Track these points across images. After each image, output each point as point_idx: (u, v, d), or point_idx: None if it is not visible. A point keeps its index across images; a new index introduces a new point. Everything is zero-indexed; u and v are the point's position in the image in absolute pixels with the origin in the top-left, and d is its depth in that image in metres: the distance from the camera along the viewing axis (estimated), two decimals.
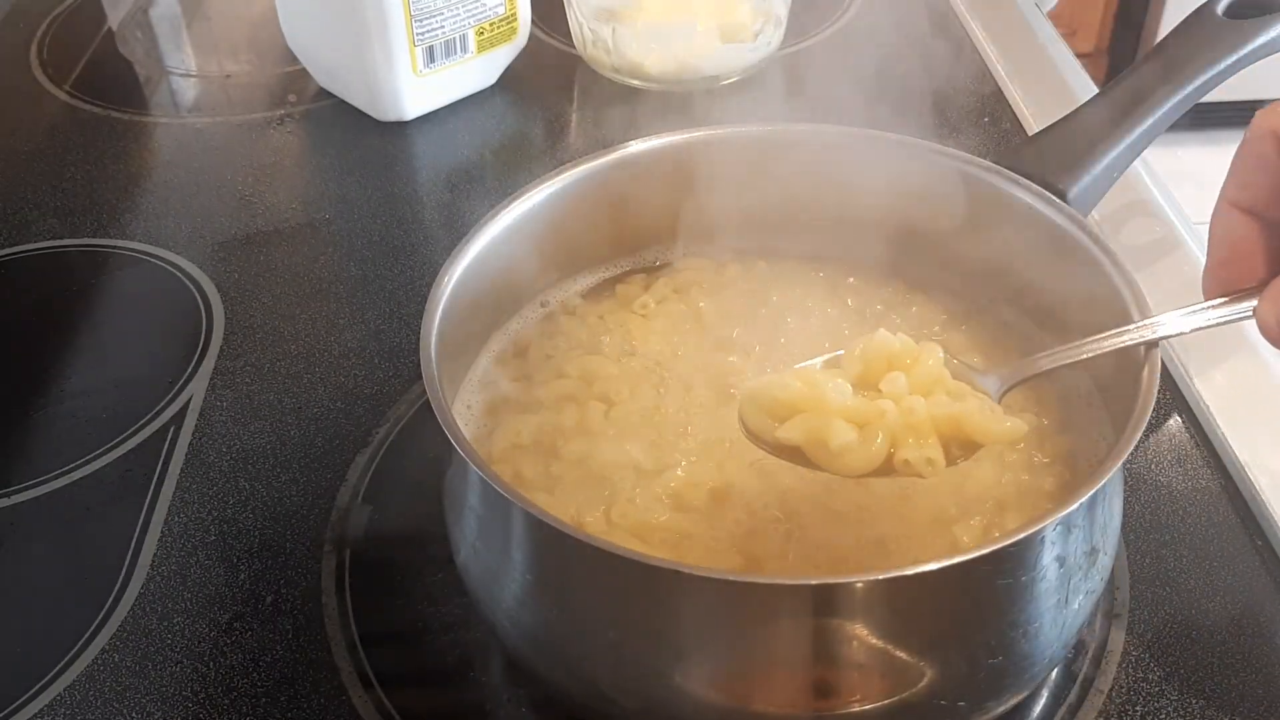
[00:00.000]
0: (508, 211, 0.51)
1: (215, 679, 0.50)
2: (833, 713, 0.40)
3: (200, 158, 0.85)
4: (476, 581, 0.45)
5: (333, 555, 0.55)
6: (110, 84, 0.93)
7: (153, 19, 1.03)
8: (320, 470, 0.59)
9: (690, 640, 0.40)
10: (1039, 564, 0.40)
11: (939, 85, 0.85)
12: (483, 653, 0.51)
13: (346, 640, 0.51)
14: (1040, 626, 0.41)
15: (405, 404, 0.63)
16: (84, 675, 0.50)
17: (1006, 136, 0.81)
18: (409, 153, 0.84)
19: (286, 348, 0.67)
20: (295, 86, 0.91)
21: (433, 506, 0.48)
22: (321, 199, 0.80)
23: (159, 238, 0.76)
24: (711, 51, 0.85)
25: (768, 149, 0.56)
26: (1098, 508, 0.42)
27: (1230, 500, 0.56)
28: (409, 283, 0.72)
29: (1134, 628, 0.51)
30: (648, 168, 0.55)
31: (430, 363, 0.44)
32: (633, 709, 0.42)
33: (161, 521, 0.57)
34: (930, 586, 0.38)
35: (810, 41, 0.95)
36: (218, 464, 0.60)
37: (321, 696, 0.49)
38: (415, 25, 0.80)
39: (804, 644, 0.40)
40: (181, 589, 0.54)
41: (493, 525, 0.43)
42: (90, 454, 0.61)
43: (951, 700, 0.41)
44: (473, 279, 0.49)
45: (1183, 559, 0.53)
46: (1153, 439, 0.60)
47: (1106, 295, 0.46)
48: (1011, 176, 0.51)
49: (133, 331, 0.70)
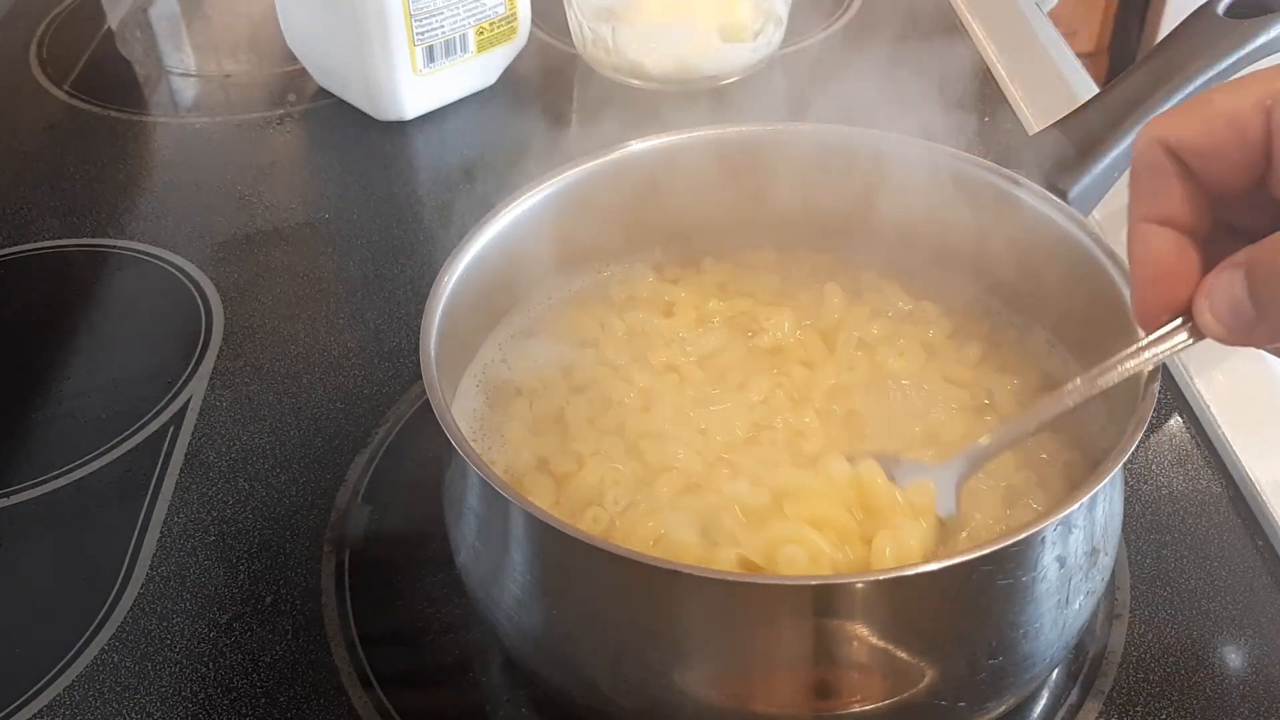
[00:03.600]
0: (508, 211, 0.51)
1: (215, 679, 0.50)
2: (833, 713, 0.40)
3: (200, 158, 0.85)
4: (476, 582, 0.45)
5: (332, 556, 0.55)
6: (110, 84, 0.93)
7: (152, 19, 1.03)
8: (320, 470, 0.59)
9: (690, 641, 0.40)
10: (1039, 564, 0.40)
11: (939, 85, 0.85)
12: (482, 653, 0.51)
13: (346, 640, 0.51)
14: (1041, 627, 0.41)
15: (405, 404, 0.63)
16: (83, 676, 0.50)
17: (1006, 136, 0.81)
18: (409, 152, 0.84)
19: (286, 348, 0.67)
20: (295, 86, 0.91)
21: (432, 507, 0.48)
22: (321, 199, 0.80)
23: (158, 238, 0.76)
24: (712, 51, 0.85)
25: (768, 148, 0.55)
26: (1098, 508, 0.42)
27: (1231, 501, 0.56)
28: (409, 283, 0.71)
29: (1135, 628, 0.51)
30: (648, 168, 0.55)
31: (430, 363, 0.43)
32: (632, 709, 0.42)
33: (161, 522, 0.57)
34: (930, 587, 0.38)
35: (810, 41, 0.95)
36: (217, 464, 0.60)
37: (321, 697, 0.49)
38: (415, 25, 0.80)
39: (804, 644, 0.39)
40: (181, 589, 0.54)
41: (492, 526, 0.43)
42: (89, 454, 0.61)
43: (952, 701, 0.41)
44: (472, 279, 0.49)
45: (1184, 559, 0.53)
46: (1153, 439, 0.60)
47: (1107, 295, 0.46)
48: (1012, 176, 0.51)
49: (132, 331, 0.70)
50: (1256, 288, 0.37)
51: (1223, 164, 0.38)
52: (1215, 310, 0.38)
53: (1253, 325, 0.37)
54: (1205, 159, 0.38)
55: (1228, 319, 0.38)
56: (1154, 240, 0.40)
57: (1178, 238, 0.40)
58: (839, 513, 0.44)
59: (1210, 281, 0.39)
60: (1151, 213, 0.40)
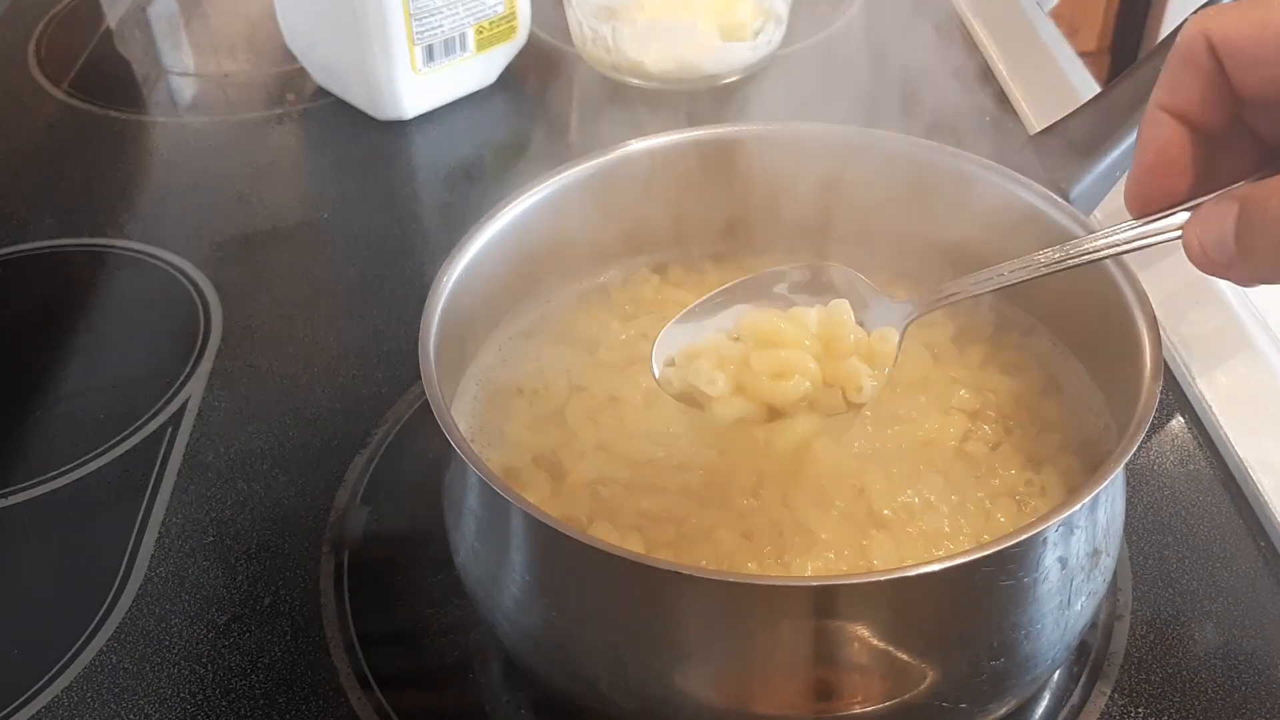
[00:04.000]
0: (507, 211, 0.51)
1: (213, 680, 0.50)
2: (833, 714, 0.40)
3: (198, 157, 0.85)
4: (475, 583, 0.45)
5: (331, 556, 0.55)
6: (108, 83, 0.93)
7: (151, 18, 1.03)
8: (319, 471, 0.59)
9: (690, 641, 0.40)
10: (1041, 565, 0.39)
11: (940, 84, 0.85)
12: (482, 654, 0.50)
13: (345, 641, 0.51)
14: (1042, 628, 0.41)
15: (404, 405, 0.62)
16: (81, 676, 0.50)
17: (1008, 136, 0.81)
18: (408, 152, 0.83)
19: (285, 348, 0.67)
20: (294, 85, 0.91)
21: (432, 508, 0.48)
22: (320, 198, 0.80)
23: (157, 237, 0.76)
24: (712, 50, 0.85)
25: (768, 148, 0.55)
26: (1100, 508, 0.42)
27: (1233, 501, 0.56)
28: (408, 283, 0.71)
29: (1136, 629, 0.51)
30: (648, 168, 0.55)
31: (429, 363, 0.43)
32: (632, 710, 0.42)
33: (159, 522, 0.57)
34: (932, 587, 0.38)
35: (811, 41, 0.94)
36: (216, 465, 0.60)
37: (320, 698, 0.49)
38: (414, 24, 0.80)
39: (804, 645, 0.39)
40: (179, 590, 0.54)
41: (492, 526, 0.43)
42: (88, 454, 0.60)
43: (953, 702, 0.41)
44: (472, 279, 0.49)
45: (1185, 560, 0.53)
46: (1155, 439, 0.59)
47: (1109, 294, 0.46)
48: (1013, 175, 0.51)
49: (130, 332, 0.69)
50: (1244, 227, 0.37)
51: (1262, 72, 0.38)
52: (1201, 237, 0.38)
53: (1231, 261, 0.37)
54: (1246, 63, 0.38)
55: (1211, 249, 0.38)
56: (1165, 129, 0.40)
57: (1188, 133, 0.40)
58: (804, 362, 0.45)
59: (1207, 208, 0.39)
60: (1171, 102, 0.40)
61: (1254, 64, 0.38)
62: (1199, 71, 0.39)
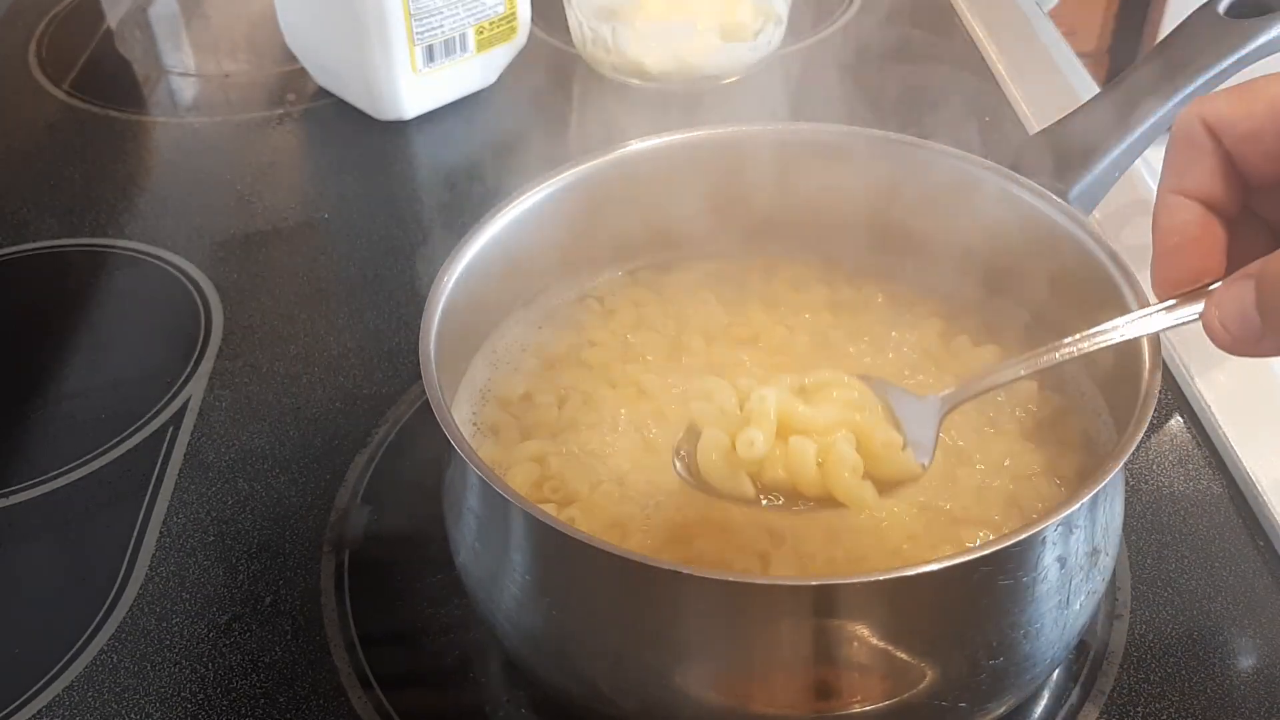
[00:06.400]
0: (507, 211, 0.51)
1: (214, 680, 0.50)
2: (833, 714, 0.40)
3: (199, 157, 0.85)
4: (476, 582, 0.45)
5: (332, 556, 0.55)
6: (109, 83, 0.93)
7: (151, 18, 1.03)
8: (319, 471, 0.59)
9: (690, 641, 0.40)
10: (1040, 564, 0.39)
11: (939, 84, 0.85)
12: (482, 654, 0.51)
13: (345, 641, 0.51)
14: (1041, 627, 0.41)
15: (404, 404, 0.63)
16: (82, 676, 0.50)
17: (1007, 136, 0.81)
18: (408, 152, 0.84)
19: (285, 348, 0.67)
20: (294, 86, 0.91)
21: (432, 507, 0.48)
22: (320, 199, 0.80)
23: (157, 237, 0.76)
24: (712, 50, 0.85)
25: (768, 148, 0.55)
26: (1099, 508, 0.42)
27: (1232, 500, 0.56)
28: (408, 283, 0.71)
29: (1135, 629, 0.51)
30: (648, 168, 0.55)
31: (429, 363, 0.43)
32: (632, 710, 0.42)
33: (160, 522, 0.57)
34: (931, 587, 0.38)
35: (811, 41, 0.94)
36: (216, 464, 0.60)
37: (320, 697, 0.49)
38: (414, 24, 0.80)
39: (804, 645, 0.39)
40: (180, 590, 0.54)
41: (492, 526, 0.43)
42: (88, 454, 0.61)
43: (952, 701, 0.41)
44: (472, 279, 0.49)
45: (1184, 560, 0.53)
46: (1154, 439, 0.59)
47: (1108, 295, 0.46)
48: (1012, 176, 0.51)
49: (131, 331, 0.70)
50: (1264, 300, 0.37)
51: (1259, 149, 0.39)
52: (1224, 318, 0.39)
53: (1259, 337, 0.38)
54: (1242, 141, 0.39)
55: (1235, 328, 0.38)
56: (1180, 212, 0.41)
57: (1204, 212, 0.40)
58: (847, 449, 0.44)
59: (1221, 291, 0.39)
60: (1181, 185, 0.40)
61: (1250, 139, 0.39)
62: (1202, 151, 0.40)
